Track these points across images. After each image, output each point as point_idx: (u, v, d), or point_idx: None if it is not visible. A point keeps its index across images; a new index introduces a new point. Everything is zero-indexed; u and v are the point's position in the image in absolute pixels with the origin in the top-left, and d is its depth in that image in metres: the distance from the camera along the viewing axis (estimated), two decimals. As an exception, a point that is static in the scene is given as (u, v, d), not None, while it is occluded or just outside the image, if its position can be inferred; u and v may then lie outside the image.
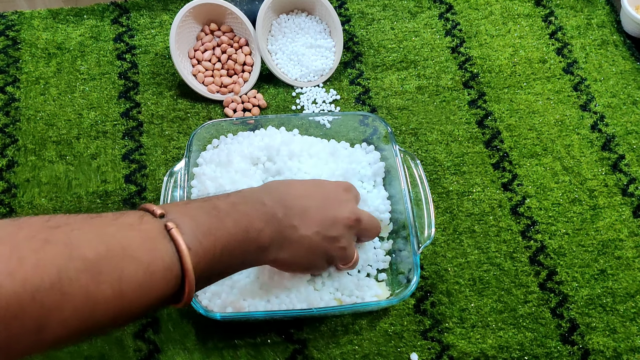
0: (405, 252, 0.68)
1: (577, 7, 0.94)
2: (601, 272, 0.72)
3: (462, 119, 0.84)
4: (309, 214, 0.58)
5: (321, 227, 0.58)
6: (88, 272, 0.40)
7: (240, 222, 0.52)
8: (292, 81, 0.87)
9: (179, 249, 0.45)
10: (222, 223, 0.50)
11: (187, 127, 0.83)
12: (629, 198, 0.78)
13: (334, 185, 0.63)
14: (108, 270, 0.41)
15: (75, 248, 0.40)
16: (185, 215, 0.48)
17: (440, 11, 0.94)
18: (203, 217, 0.49)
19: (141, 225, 0.46)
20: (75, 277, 0.39)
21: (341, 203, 0.61)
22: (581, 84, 0.87)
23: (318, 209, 0.58)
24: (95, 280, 0.40)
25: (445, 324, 0.69)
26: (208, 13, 0.86)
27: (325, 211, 0.59)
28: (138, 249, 0.43)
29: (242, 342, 0.68)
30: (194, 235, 0.47)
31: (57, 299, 0.38)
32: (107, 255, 0.41)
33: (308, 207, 0.58)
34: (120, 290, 0.41)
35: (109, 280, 0.41)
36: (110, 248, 0.42)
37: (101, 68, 0.88)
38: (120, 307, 0.42)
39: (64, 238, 0.40)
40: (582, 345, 0.68)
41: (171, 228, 0.46)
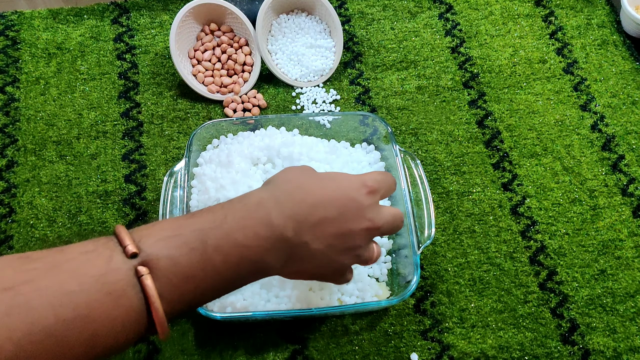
0: (405, 252, 0.68)
1: (577, 7, 0.94)
2: (601, 272, 0.72)
3: (462, 119, 0.84)
4: (323, 227, 0.50)
5: (335, 240, 0.51)
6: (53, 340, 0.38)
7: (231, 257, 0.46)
8: (292, 81, 0.87)
9: (150, 301, 0.41)
10: (209, 261, 0.45)
11: (187, 127, 0.83)
12: (629, 198, 0.78)
13: (357, 188, 0.53)
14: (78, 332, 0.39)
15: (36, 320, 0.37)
16: (164, 252, 0.43)
17: (440, 11, 0.94)
18: (185, 257, 0.44)
19: (107, 275, 0.41)
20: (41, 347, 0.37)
21: (361, 211, 0.52)
22: (581, 84, 0.87)
23: (334, 221, 0.51)
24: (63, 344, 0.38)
25: (445, 324, 0.69)
26: (208, 13, 0.86)
27: (342, 223, 0.51)
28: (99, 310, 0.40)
29: (242, 342, 0.68)
30: (168, 280, 0.42)
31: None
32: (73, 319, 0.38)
33: (323, 219, 0.50)
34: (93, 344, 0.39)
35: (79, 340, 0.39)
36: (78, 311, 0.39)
37: (101, 68, 0.88)
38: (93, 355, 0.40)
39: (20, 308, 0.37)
40: (582, 345, 0.68)
41: (142, 275, 0.41)
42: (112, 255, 0.42)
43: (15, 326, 0.36)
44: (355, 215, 0.52)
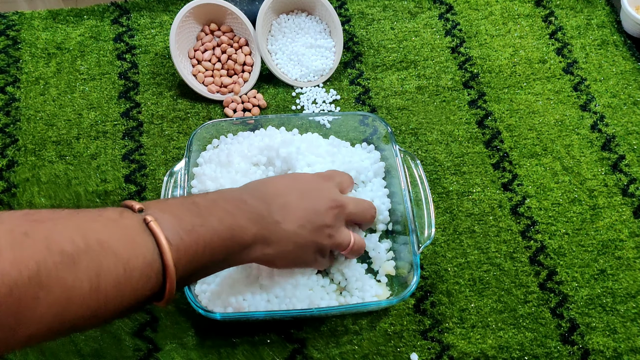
0: (405, 252, 0.68)
1: (577, 8, 0.94)
2: (601, 272, 0.72)
3: (462, 119, 0.84)
4: (290, 208, 0.57)
5: (304, 219, 0.57)
6: (66, 265, 0.39)
7: (224, 219, 0.52)
8: (292, 81, 0.87)
9: (159, 243, 0.45)
10: (205, 220, 0.50)
11: (187, 127, 0.83)
12: (629, 198, 0.77)
13: (313, 176, 0.63)
14: (86, 264, 0.41)
15: (54, 242, 0.40)
16: (165, 211, 0.48)
17: (440, 11, 0.94)
18: (184, 213, 0.49)
19: (121, 220, 0.45)
20: (53, 270, 0.39)
21: (320, 192, 0.60)
22: (581, 84, 0.87)
23: (298, 202, 0.58)
24: (73, 273, 0.40)
25: (445, 324, 0.69)
26: (208, 13, 0.86)
27: (305, 203, 0.58)
28: (117, 244, 0.43)
29: (241, 341, 0.68)
30: (174, 230, 0.47)
31: (34, 293, 0.38)
32: (86, 249, 0.41)
33: (288, 202, 0.57)
34: (98, 284, 0.41)
35: (86, 274, 0.40)
36: (90, 243, 0.41)
37: (101, 68, 0.88)
38: (97, 302, 0.42)
39: (44, 232, 0.40)
40: (582, 345, 0.68)
41: (150, 221, 0.46)
42: (122, 210, 0.47)
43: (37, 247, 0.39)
44: (316, 196, 0.59)
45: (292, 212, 0.57)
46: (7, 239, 0.38)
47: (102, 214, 0.45)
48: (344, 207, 0.61)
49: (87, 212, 0.45)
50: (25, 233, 0.39)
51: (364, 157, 0.76)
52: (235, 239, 0.52)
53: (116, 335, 0.68)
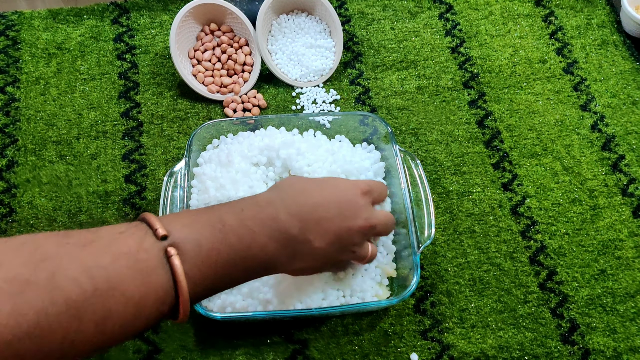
0: (405, 252, 0.68)
1: (577, 7, 0.94)
2: (601, 272, 0.72)
3: (462, 119, 0.84)
4: (325, 225, 0.55)
5: (336, 237, 0.56)
6: (70, 314, 0.38)
7: (244, 238, 0.50)
8: (292, 81, 0.87)
9: (177, 279, 0.44)
10: (227, 239, 0.49)
11: (187, 127, 0.83)
12: (629, 198, 0.78)
13: (351, 187, 0.59)
14: (93, 310, 0.39)
15: (59, 289, 0.38)
16: (190, 236, 0.46)
17: (440, 11, 0.94)
18: (207, 234, 0.48)
19: (139, 253, 0.43)
20: (55, 321, 0.37)
21: (357, 210, 0.58)
22: (581, 84, 0.87)
23: (334, 219, 0.56)
24: (77, 322, 0.38)
25: (445, 324, 0.69)
26: (208, 13, 0.86)
27: (341, 221, 0.56)
28: (129, 284, 0.41)
29: (242, 341, 0.68)
30: (194, 261, 0.46)
31: (33, 346, 0.36)
32: (94, 294, 0.39)
33: (324, 218, 0.55)
34: (104, 327, 0.40)
35: (93, 320, 0.39)
36: (98, 285, 0.40)
37: (101, 68, 0.88)
38: (102, 341, 0.41)
39: (47, 276, 0.38)
40: (582, 345, 0.68)
41: (172, 255, 0.44)
42: (144, 236, 0.45)
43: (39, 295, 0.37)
44: (353, 215, 0.57)
45: (325, 229, 0.55)
46: (7, 290, 0.37)
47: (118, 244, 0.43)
48: (374, 228, 0.59)
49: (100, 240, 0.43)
50: (27, 281, 0.37)
51: (364, 157, 0.76)
52: (253, 257, 0.51)
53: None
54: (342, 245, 0.57)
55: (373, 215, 0.59)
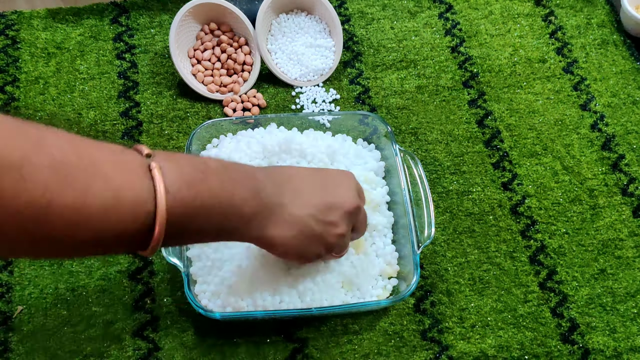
0: (405, 252, 0.68)
1: (577, 7, 0.94)
2: (601, 271, 0.72)
3: (462, 118, 0.84)
4: (303, 195, 0.55)
5: (316, 210, 0.55)
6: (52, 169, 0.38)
7: (226, 184, 0.50)
8: (292, 81, 0.87)
9: (156, 188, 0.44)
10: (207, 179, 0.48)
11: (187, 126, 0.83)
12: (629, 198, 0.78)
13: (337, 172, 0.61)
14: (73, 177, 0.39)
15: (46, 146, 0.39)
16: (172, 162, 0.46)
17: (440, 11, 0.94)
18: (189, 169, 0.47)
19: (122, 155, 0.44)
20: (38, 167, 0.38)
21: (343, 188, 0.58)
22: (581, 83, 0.87)
23: (314, 192, 0.56)
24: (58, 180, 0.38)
25: (445, 324, 0.69)
26: (208, 12, 0.86)
27: (323, 195, 0.56)
28: (112, 171, 0.42)
29: (242, 340, 0.68)
30: (175, 181, 0.45)
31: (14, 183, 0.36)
32: (77, 164, 0.40)
33: (302, 189, 0.55)
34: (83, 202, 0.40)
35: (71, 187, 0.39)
36: (82, 160, 0.40)
37: (100, 67, 0.88)
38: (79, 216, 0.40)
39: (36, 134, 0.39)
40: (582, 344, 0.68)
41: (154, 168, 0.44)
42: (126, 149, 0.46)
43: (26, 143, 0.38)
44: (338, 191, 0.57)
45: (303, 199, 0.55)
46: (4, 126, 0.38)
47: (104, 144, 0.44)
48: (360, 211, 0.59)
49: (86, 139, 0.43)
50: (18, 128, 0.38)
51: (365, 154, 0.76)
52: (233, 207, 0.50)
53: (117, 335, 0.68)
54: (326, 220, 0.56)
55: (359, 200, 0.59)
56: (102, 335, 0.67)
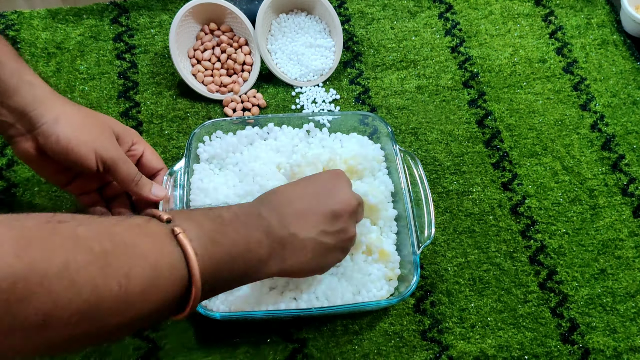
0: (405, 252, 0.68)
1: (577, 7, 0.94)
2: (601, 271, 0.72)
3: (462, 118, 0.84)
4: (306, 216, 0.55)
5: (322, 224, 0.56)
6: (95, 264, 0.39)
7: (241, 231, 0.51)
8: (292, 81, 0.87)
9: (186, 253, 0.45)
10: (226, 231, 0.50)
11: (187, 126, 0.83)
12: (629, 198, 0.78)
13: (324, 176, 0.61)
14: (115, 264, 0.40)
15: (82, 240, 0.39)
16: (192, 222, 0.48)
17: (440, 11, 0.94)
18: (208, 224, 0.49)
19: (148, 227, 0.45)
20: (83, 267, 0.38)
21: (335, 193, 0.58)
22: (581, 83, 0.87)
23: (313, 208, 0.56)
24: (103, 273, 0.39)
25: (445, 324, 0.69)
26: (207, 13, 0.86)
27: (322, 207, 0.56)
28: (145, 247, 0.43)
29: (242, 340, 0.68)
30: (200, 241, 0.46)
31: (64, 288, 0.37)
32: (113, 250, 0.40)
33: (303, 210, 0.56)
34: (127, 286, 0.40)
35: (116, 275, 0.40)
36: (117, 244, 0.41)
37: (100, 68, 0.88)
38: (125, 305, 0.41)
39: (70, 231, 0.39)
40: (582, 344, 0.68)
41: (178, 233, 0.45)
42: (149, 219, 0.46)
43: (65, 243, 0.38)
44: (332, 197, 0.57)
45: (308, 219, 0.55)
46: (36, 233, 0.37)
47: (127, 220, 0.44)
48: (361, 204, 0.60)
49: (109, 218, 0.44)
50: (53, 229, 0.39)
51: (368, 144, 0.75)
52: (251, 252, 0.51)
53: (116, 335, 0.68)
54: (335, 230, 0.56)
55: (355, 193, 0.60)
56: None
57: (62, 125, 0.61)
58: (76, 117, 0.62)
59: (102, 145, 0.62)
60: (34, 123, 0.60)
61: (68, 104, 0.64)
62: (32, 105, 0.60)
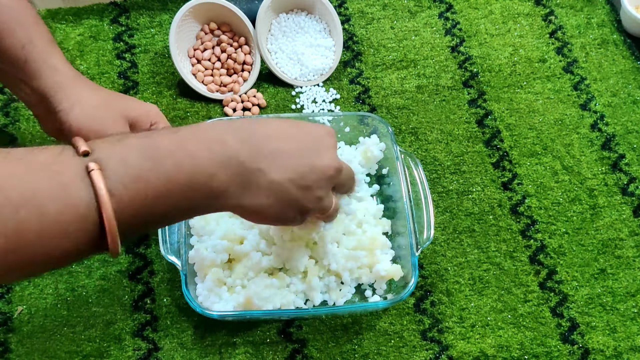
0: (404, 253, 0.68)
1: (577, 7, 0.94)
2: (601, 271, 0.72)
3: (462, 118, 0.84)
4: (282, 157, 0.50)
5: (295, 173, 0.50)
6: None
7: (183, 165, 0.45)
8: (292, 80, 0.87)
9: (98, 195, 0.40)
10: (159, 165, 0.44)
11: (187, 126, 0.83)
12: (629, 197, 0.77)
13: (316, 128, 0.55)
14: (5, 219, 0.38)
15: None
16: (115, 156, 0.43)
17: (440, 10, 0.94)
18: (135, 158, 0.43)
19: (55, 165, 0.41)
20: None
21: (322, 149, 0.53)
22: (581, 83, 0.87)
23: (294, 153, 0.51)
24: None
25: (445, 324, 0.69)
26: (208, 12, 0.86)
27: (302, 157, 0.51)
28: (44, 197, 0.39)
29: (242, 340, 0.68)
30: (119, 179, 0.42)
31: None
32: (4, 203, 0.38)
33: (281, 150, 0.50)
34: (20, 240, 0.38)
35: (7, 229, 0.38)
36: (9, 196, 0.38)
37: (100, 67, 0.88)
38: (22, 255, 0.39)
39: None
40: (582, 344, 0.68)
41: (92, 169, 0.41)
42: (62, 151, 0.42)
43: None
44: (317, 152, 0.52)
45: (283, 162, 0.50)
46: None
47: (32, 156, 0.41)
48: (341, 171, 0.54)
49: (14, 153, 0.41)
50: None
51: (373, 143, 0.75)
52: (198, 186, 0.46)
53: (116, 335, 0.68)
54: (305, 184, 0.51)
55: (339, 159, 0.55)
56: (101, 335, 0.68)
57: (75, 113, 0.62)
58: (91, 104, 0.64)
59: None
60: (53, 108, 0.63)
61: (87, 89, 0.65)
62: (53, 90, 0.63)
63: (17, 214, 0.38)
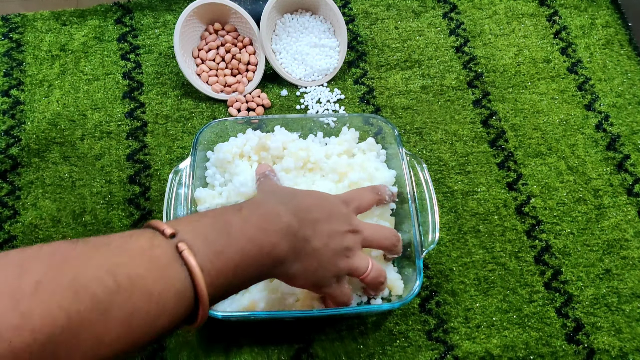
0: (408, 255, 0.68)
1: (581, 7, 0.94)
2: (606, 271, 0.72)
3: (467, 118, 0.84)
4: (319, 226, 0.56)
5: (329, 238, 0.56)
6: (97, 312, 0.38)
7: (254, 238, 0.50)
8: (296, 80, 0.87)
9: (192, 272, 0.44)
10: (235, 241, 0.49)
11: (192, 126, 0.83)
12: (635, 198, 0.77)
13: (336, 199, 0.62)
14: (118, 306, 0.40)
15: (84, 288, 0.39)
16: (197, 235, 0.47)
17: (445, 10, 0.94)
18: (214, 236, 0.48)
19: (152, 250, 0.44)
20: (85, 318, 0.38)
21: (341, 216, 0.59)
22: (586, 83, 0.87)
23: (325, 222, 0.57)
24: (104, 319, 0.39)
25: (450, 324, 0.69)
26: (212, 13, 0.86)
27: (329, 223, 0.57)
28: (149, 279, 0.42)
29: (247, 339, 0.68)
30: (205, 255, 0.46)
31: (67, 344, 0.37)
32: (118, 290, 0.40)
33: (318, 220, 0.56)
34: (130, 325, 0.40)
35: (119, 317, 0.40)
36: (120, 282, 0.40)
37: (105, 68, 0.88)
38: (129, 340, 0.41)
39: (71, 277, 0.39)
40: (587, 344, 0.68)
41: (183, 250, 0.45)
42: (153, 236, 0.45)
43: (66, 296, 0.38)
44: (339, 219, 0.58)
45: (320, 230, 0.56)
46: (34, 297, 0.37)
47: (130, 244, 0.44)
48: (360, 232, 0.60)
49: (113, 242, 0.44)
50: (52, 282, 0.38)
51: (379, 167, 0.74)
52: (265, 256, 0.51)
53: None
54: (335, 246, 0.57)
55: (357, 221, 0.61)
56: None
57: None
58: None
59: None
60: None
61: None
62: None
63: (130, 299, 0.40)
